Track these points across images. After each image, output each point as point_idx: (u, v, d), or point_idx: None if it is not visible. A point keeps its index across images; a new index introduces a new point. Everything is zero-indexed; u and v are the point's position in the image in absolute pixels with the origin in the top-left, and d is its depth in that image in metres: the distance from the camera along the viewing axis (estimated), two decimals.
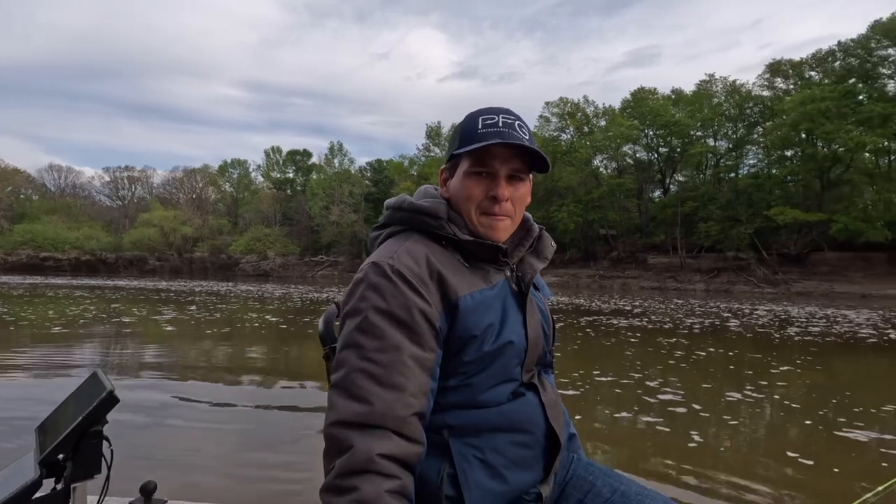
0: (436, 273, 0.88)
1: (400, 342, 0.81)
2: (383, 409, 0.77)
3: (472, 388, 0.89)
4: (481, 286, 0.92)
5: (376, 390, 0.78)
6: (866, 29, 30.49)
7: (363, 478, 0.73)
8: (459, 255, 0.94)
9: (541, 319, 1.01)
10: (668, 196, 37.60)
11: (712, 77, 37.65)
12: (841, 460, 2.88)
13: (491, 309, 0.91)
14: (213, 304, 13.79)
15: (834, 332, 9.37)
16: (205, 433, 3.24)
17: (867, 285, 25.84)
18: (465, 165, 0.95)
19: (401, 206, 0.99)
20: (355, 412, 0.77)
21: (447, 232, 0.93)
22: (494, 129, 0.92)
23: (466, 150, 0.92)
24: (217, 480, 2.51)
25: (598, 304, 16.42)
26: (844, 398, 4.38)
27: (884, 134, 27.90)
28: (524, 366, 0.95)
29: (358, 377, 0.79)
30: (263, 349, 6.66)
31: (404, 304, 0.83)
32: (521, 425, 0.92)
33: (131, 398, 3.88)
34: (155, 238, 53.53)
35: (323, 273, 47.48)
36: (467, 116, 0.97)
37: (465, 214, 0.95)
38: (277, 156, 64.85)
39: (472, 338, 0.88)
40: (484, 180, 0.94)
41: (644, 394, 4.39)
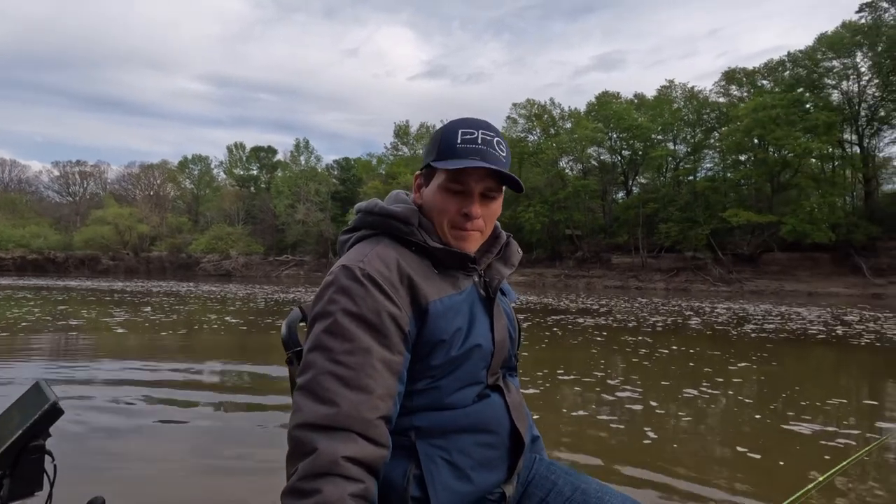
0: (406, 278, 0.89)
1: (369, 345, 0.82)
2: (349, 411, 0.77)
3: (439, 391, 0.90)
4: (450, 291, 0.93)
5: (343, 392, 0.78)
6: (813, 41, 32.28)
7: (326, 480, 0.72)
8: (429, 261, 0.94)
9: (507, 324, 1.03)
10: (631, 197, 38.68)
11: (672, 83, 38.97)
12: (787, 453, 3.03)
13: (459, 314, 0.92)
14: (171, 305, 13.30)
15: (787, 328, 9.82)
16: (159, 442, 3.12)
17: (813, 284, 27.33)
18: (441, 179, 0.95)
19: (371, 211, 0.99)
20: (321, 414, 0.77)
21: (417, 239, 0.94)
22: (473, 145, 0.93)
23: (444, 166, 0.92)
24: (172, 493, 2.43)
25: (565, 303, 16.72)
26: (794, 392, 4.61)
27: (828, 141, 29.57)
28: (490, 369, 0.97)
29: (325, 379, 0.79)
30: (222, 352, 6.48)
31: (374, 307, 0.84)
32: (487, 426, 0.94)
33: (78, 408, 3.70)
34: (109, 236, 51.17)
35: (288, 273, 46.54)
36: (447, 127, 0.96)
37: (437, 225, 0.96)
38: (241, 152, 63.16)
39: (440, 342, 0.89)
40: (458, 196, 0.95)
41: (603, 392, 4.49)
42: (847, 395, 4.76)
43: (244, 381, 4.94)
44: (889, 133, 32.59)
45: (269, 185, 57.49)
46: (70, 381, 4.53)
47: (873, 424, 3.74)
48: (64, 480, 1.11)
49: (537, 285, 32.21)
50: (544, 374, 5.18)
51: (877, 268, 27.13)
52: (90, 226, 52.36)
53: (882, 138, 33.01)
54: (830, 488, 2.55)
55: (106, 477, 2.56)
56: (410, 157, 49.65)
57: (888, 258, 27.56)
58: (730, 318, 11.72)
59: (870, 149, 32.76)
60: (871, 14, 30.04)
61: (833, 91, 32.46)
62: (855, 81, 31.81)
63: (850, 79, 31.82)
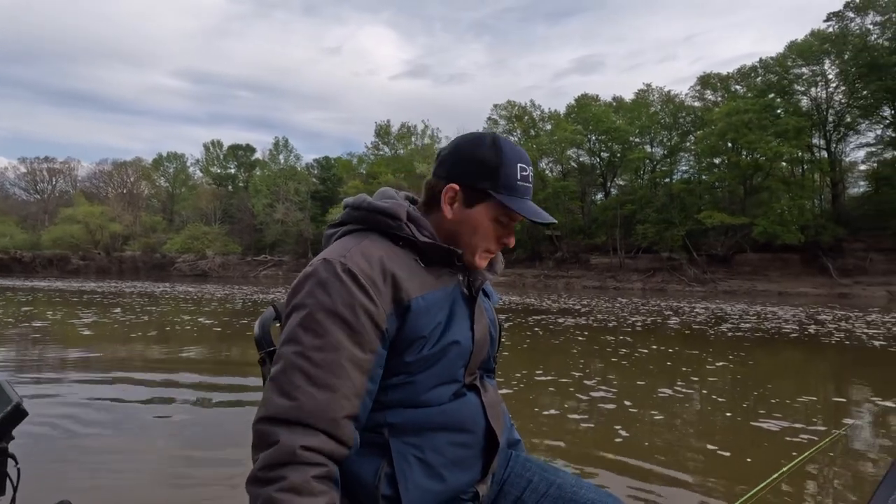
0: (389, 275, 0.88)
1: (340, 342, 0.81)
2: (312, 408, 0.78)
3: (414, 387, 0.90)
4: (434, 287, 0.93)
5: (309, 389, 0.79)
6: (784, 49, 33.26)
7: (288, 468, 0.75)
8: (416, 255, 0.94)
9: (488, 324, 1.03)
10: (609, 199, 39.24)
11: (649, 87, 39.69)
12: (755, 449, 3.11)
13: (441, 310, 0.92)
14: (142, 306, 12.97)
15: (762, 328, 10.07)
16: (129, 444, 3.04)
17: (784, 284, 28.15)
18: (495, 212, 0.96)
19: (359, 206, 0.98)
20: (284, 409, 0.78)
21: (406, 232, 0.94)
22: (527, 183, 0.97)
23: (519, 209, 0.94)
24: (142, 496, 2.37)
25: (547, 303, 16.86)
26: (765, 390, 4.72)
27: (798, 145, 30.49)
28: (468, 368, 0.96)
29: (293, 374, 0.80)
30: (196, 352, 6.34)
31: (350, 303, 0.83)
32: (462, 425, 0.94)
33: (43, 410, 3.58)
34: (79, 235, 49.62)
35: (266, 273, 45.85)
36: (504, 155, 0.95)
37: (469, 244, 0.97)
38: (218, 150, 61.95)
39: (420, 338, 0.89)
40: (502, 227, 0.99)
41: (577, 391, 4.52)
42: (816, 393, 4.92)
43: (219, 381, 4.84)
44: (855, 138, 33.84)
45: (248, 184, 56.54)
46: (36, 382, 4.38)
47: (839, 420, 3.87)
48: (28, 485, 1.08)
49: (517, 285, 32.41)
50: (522, 374, 5.21)
51: (843, 268, 28.09)
52: (59, 224, 50.71)
53: (848, 143, 34.25)
54: (791, 482, 2.63)
55: (72, 481, 2.48)
56: (392, 157, 49.44)
57: (853, 259, 28.57)
58: (708, 318, 11.97)
59: (837, 153, 33.92)
60: (838, 23, 31.11)
61: (802, 97, 33.51)
62: (823, 88, 32.90)
63: (819, 85, 32.89)
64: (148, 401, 4.01)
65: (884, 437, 3.58)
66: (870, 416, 4.10)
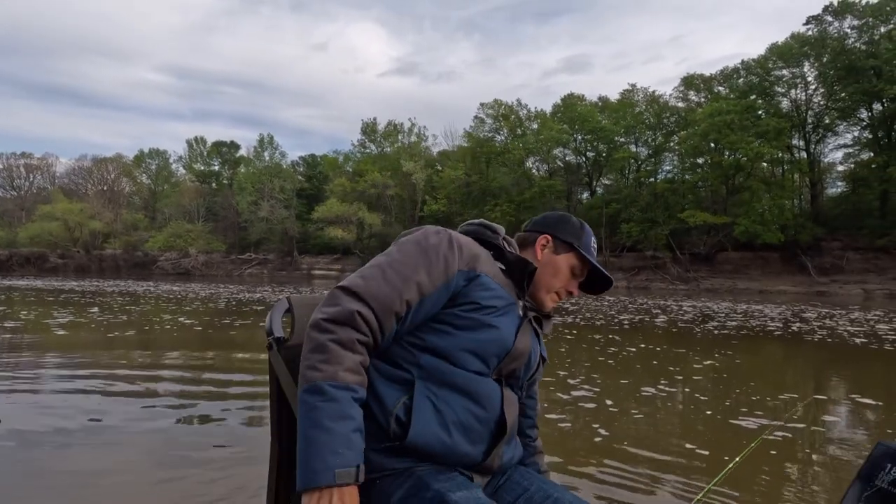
0: (473, 254, 1.08)
1: (415, 263, 1.01)
2: (376, 292, 0.97)
3: (452, 339, 1.02)
4: (503, 285, 1.10)
5: (379, 280, 0.99)
6: (765, 51, 33.87)
7: (342, 326, 0.94)
8: (502, 264, 1.14)
9: (531, 346, 1.15)
10: (595, 198, 39.59)
11: (634, 87, 40.11)
12: (734, 448, 3.15)
13: (500, 301, 1.07)
14: (121, 305, 12.73)
15: (748, 325, 10.18)
16: (106, 452, 2.98)
17: (764, 282, 28.72)
18: (572, 261, 1.22)
19: (471, 222, 1.25)
20: (356, 285, 0.98)
21: (499, 242, 1.17)
22: (594, 249, 1.26)
23: (593, 262, 1.23)
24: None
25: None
26: (748, 388, 4.76)
27: (778, 146, 31.12)
28: (501, 364, 1.06)
29: (374, 268, 1.01)
30: (178, 353, 6.24)
31: (437, 249, 1.04)
32: (479, 398, 1.02)
33: (13, 417, 3.49)
34: (57, 233, 48.53)
35: (251, 272, 45.36)
36: (586, 230, 1.27)
37: (546, 282, 1.20)
38: (202, 147, 60.99)
39: (474, 302, 1.04)
40: (572, 278, 1.23)
41: (559, 390, 4.51)
42: (797, 390, 5.01)
43: (202, 383, 4.77)
44: (833, 140, 34.67)
45: (232, 182, 55.82)
46: (8, 391, 4.26)
47: (818, 418, 3.96)
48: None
49: None
50: None
51: (821, 267, 28.75)
52: (36, 221, 49.53)
53: (827, 144, 35.08)
54: (771, 470, 2.68)
55: (47, 494, 2.41)
56: (378, 155, 49.22)
57: (831, 258, 29.25)
58: (695, 316, 12.09)
59: (816, 154, 34.70)
60: (817, 27, 31.77)
61: (783, 99, 34.19)
62: (803, 90, 33.61)
63: (799, 87, 33.60)
64: (126, 405, 3.93)
65: (862, 430, 3.66)
66: (847, 410, 4.20)
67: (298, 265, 44.61)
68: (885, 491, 0.89)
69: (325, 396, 0.89)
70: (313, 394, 0.89)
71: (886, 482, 0.89)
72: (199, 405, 3.98)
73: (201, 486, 2.46)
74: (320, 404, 0.88)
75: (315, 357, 0.92)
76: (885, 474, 0.90)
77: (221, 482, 2.51)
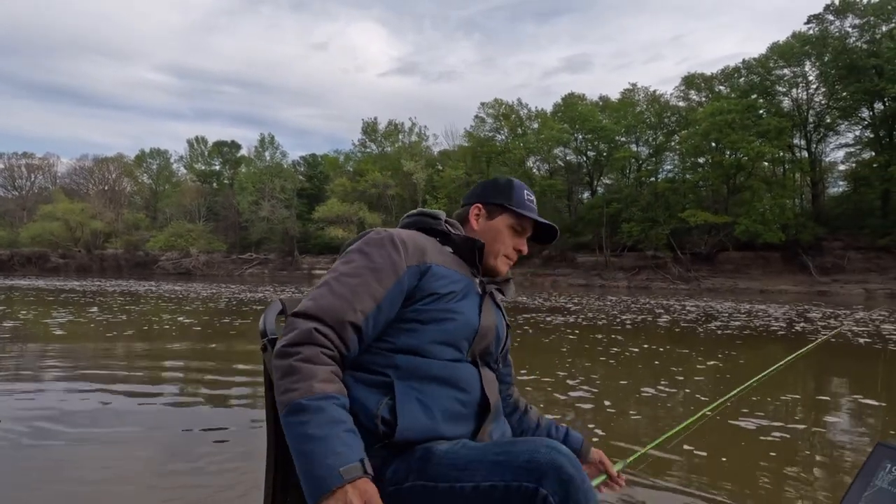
0: (419, 246, 1.10)
1: (360, 270, 1.03)
2: (327, 307, 0.98)
3: (421, 335, 1.04)
4: (456, 268, 1.13)
5: (328, 296, 1.00)
6: (766, 50, 33.81)
7: (304, 346, 0.95)
8: (449, 247, 1.17)
9: (496, 321, 1.18)
10: (596, 198, 39.54)
11: (635, 86, 40.06)
12: (731, 449, 3.14)
13: (457, 285, 1.10)
14: (121, 305, 12.74)
15: (752, 325, 10.10)
16: (105, 452, 2.98)
17: (765, 282, 28.67)
18: (510, 220, 1.24)
19: (411, 214, 1.27)
20: (307, 307, 0.99)
21: (442, 227, 1.19)
22: (532, 204, 1.28)
23: (529, 215, 1.25)
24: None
25: (539, 300, 16.93)
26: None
27: (779, 145, 31.06)
28: (471, 346, 1.09)
29: (322, 287, 1.03)
30: (178, 353, 6.25)
31: (381, 252, 1.06)
32: (458, 383, 1.05)
33: (10, 417, 3.49)
34: (58, 233, 48.59)
35: (252, 271, 45.38)
36: (514, 184, 1.27)
37: (492, 249, 1.22)
38: (203, 146, 61.05)
39: (433, 293, 1.06)
40: (516, 236, 1.26)
41: (557, 391, 4.48)
42: (798, 391, 4.99)
43: (203, 381, 4.78)
44: (834, 139, 34.59)
45: (233, 182, 55.85)
46: (5, 392, 4.27)
47: (819, 418, 3.95)
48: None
49: None
50: None
51: (822, 266, 28.69)
52: (38, 221, 49.57)
53: (828, 144, 35.00)
54: (772, 471, 2.68)
55: (43, 497, 2.42)
56: (379, 155, 49.18)
57: (832, 257, 29.19)
58: (698, 316, 12.03)
59: (817, 154, 34.63)
60: (818, 25, 31.69)
61: (784, 98, 34.13)
62: (804, 89, 33.54)
63: (800, 86, 33.52)
64: (125, 405, 3.94)
65: (863, 431, 3.66)
66: (848, 411, 4.20)
67: (299, 265, 44.62)
68: (885, 491, 0.89)
69: (307, 412, 0.87)
70: (295, 413, 0.88)
71: (886, 482, 0.90)
72: (198, 405, 3.99)
73: (199, 485, 2.47)
74: (305, 419, 0.87)
75: (287, 381, 0.91)
76: (885, 474, 0.90)
77: (220, 481, 2.51)
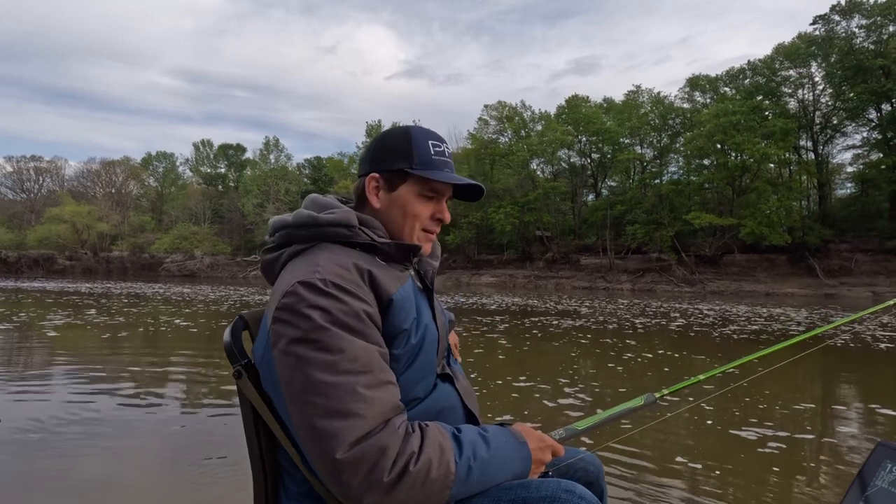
0: (366, 274, 0.89)
1: (360, 348, 0.82)
2: (381, 408, 0.80)
3: (404, 383, 0.91)
4: (401, 282, 0.96)
5: (367, 395, 0.79)
6: (771, 51, 33.59)
7: (406, 449, 0.79)
8: (375, 255, 0.97)
9: (439, 309, 1.11)
10: (599, 200, 39.40)
11: (639, 88, 39.92)
12: (729, 460, 3.08)
13: (411, 303, 0.96)
14: (127, 307, 12.79)
15: (769, 329, 9.93)
16: (101, 457, 2.96)
17: (770, 284, 28.42)
18: (418, 188, 1.00)
19: (303, 223, 0.96)
20: (358, 426, 0.78)
21: (363, 238, 0.95)
22: (443, 158, 1.01)
23: (436, 177, 0.98)
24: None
25: (550, 303, 16.85)
26: (760, 396, 4.57)
27: (785, 147, 30.80)
28: (438, 356, 1.01)
29: (341, 395, 0.79)
30: (181, 357, 6.25)
31: (352, 312, 0.83)
32: (445, 414, 0.98)
33: (9, 419, 3.49)
34: (65, 235, 49.05)
35: (256, 274, 45.51)
36: (415, 137, 0.99)
37: (404, 227, 1.00)
38: (208, 149, 61.53)
39: (402, 331, 0.91)
40: (431, 202, 1.02)
41: (546, 398, 4.39)
42: (809, 399, 4.81)
43: (207, 384, 4.76)
44: (841, 140, 34.26)
45: (238, 184, 56.16)
46: (5, 393, 4.27)
47: (824, 421, 3.84)
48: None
49: (508, 286, 32.44)
50: (505, 380, 5.15)
51: (829, 269, 28.40)
52: (45, 224, 50.05)
53: (835, 145, 34.68)
54: (780, 470, 2.62)
55: (35, 498, 2.40)
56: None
57: (839, 260, 28.90)
58: (715, 320, 11.84)
59: (824, 155, 34.33)
60: (824, 26, 31.45)
61: (790, 99, 33.86)
62: (810, 90, 33.28)
63: (806, 88, 33.27)
64: (125, 409, 3.92)
65: (867, 432, 3.58)
66: (856, 414, 4.10)
67: None
68: (885, 491, 0.89)
69: (459, 472, 0.84)
70: (458, 484, 0.83)
71: (887, 482, 0.89)
72: (198, 410, 3.97)
73: (195, 493, 2.44)
74: (463, 476, 0.84)
75: (420, 485, 0.79)
76: (885, 474, 0.90)
77: (215, 489, 2.48)
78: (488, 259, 38.80)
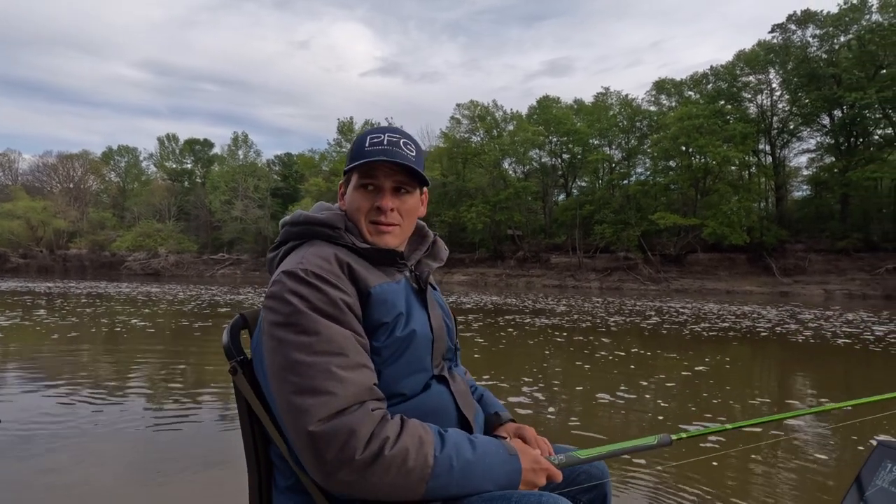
0: (346, 266, 0.95)
1: (336, 333, 0.87)
2: (355, 389, 0.84)
3: (388, 375, 0.94)
4: (387, 280, 1.00)
5: (341, 375, 0.84)
6: (733, 57, 34.82)
7: (381, 433, 0.82)
8: (361, 259, 1.01)
9: (442, 314, 1.10)
10: (569, 199, 40.03)
11: (608, 90, 40.73)
12: (673, 454, 3.08)
13: (399, 300, 0.99)
14: (78, 307, 12.33)
15: (737, 327, 10.19)
16: (73, 462, 2.89)
17: (731, 283, 29.52)
18: (355, 180, 1.04)
19: (297, 221, 1.05)
20: (332, 403, 0.82)
21: (346, 241, 1.00)
22: (380, 146, 1.02)
23: (354, 165, 1.02)
24: None
25: (528, 301, 16.96)
26: (717, 391, 4.65)
27: (745, 150, 31.99)
28: (433, 358, 1.02)
29: (315, 374, 0.83)
30: (146, 362, 6.10)
31: (329, 300, 0.89)
32: (435, 415, 0.98)
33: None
34: (18, 232, 46.72)
35: (224, 272, 44.43)
36: (359, 138, 1.05)
37: (358, 224, 1.03)
38: (174, 144, 59.52)
39: (382, 324, 0.95)
40: (370, 193, 1.03)
41: (502, 394, 4.38)
42: (769, 393, 4.95)
43: (171, 393, 4.67)
44: (797, 145, 35.87)
45: (205, 180, 54.61)
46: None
47: (817, 421, 3.86)
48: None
49: (479, 284, 32.64)
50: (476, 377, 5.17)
51: (784, 268, 29.70)
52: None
53: (791, 149, 36.27)
54: (767, 470, 2.75)
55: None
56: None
57: (794, 259, 30.25)
58: (688, 318, 12.07)
59: (781, 159, 35.82)
60: (781, 35, 32.80)
61: (750, 104, 35.19)
62: (768, 96, 34.66)
63: (764, 93, 34.64)
64: (92, 412, 3.82)
65: (858, 431, 3.75)
66: (843, 412, 4.26)
67: None
68: (885, 491, 0.88)
69: (438, 467, 0.84)
70: (436, 478, 0.84)
71: (887, 482, 0.89)
72: (174, 412, 3.90)
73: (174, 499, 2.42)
74: (443, 472, 0.84)
75: (396, 471, 0.81)
76: (885, 474, 0.90)
77: (198, 494, 2.48)
78: (460, 258, 38.92)
